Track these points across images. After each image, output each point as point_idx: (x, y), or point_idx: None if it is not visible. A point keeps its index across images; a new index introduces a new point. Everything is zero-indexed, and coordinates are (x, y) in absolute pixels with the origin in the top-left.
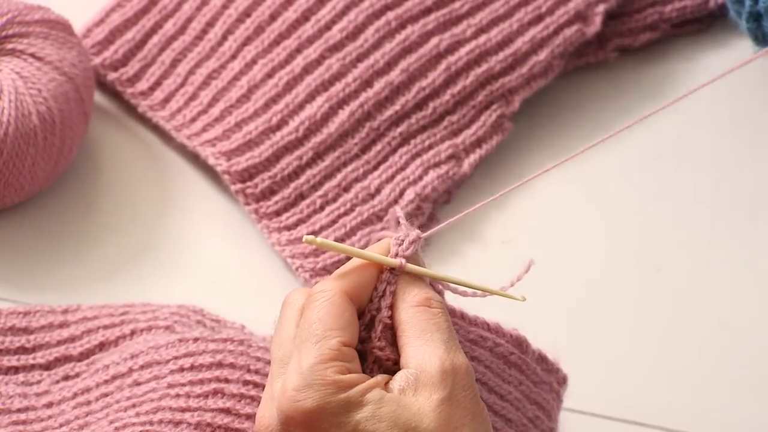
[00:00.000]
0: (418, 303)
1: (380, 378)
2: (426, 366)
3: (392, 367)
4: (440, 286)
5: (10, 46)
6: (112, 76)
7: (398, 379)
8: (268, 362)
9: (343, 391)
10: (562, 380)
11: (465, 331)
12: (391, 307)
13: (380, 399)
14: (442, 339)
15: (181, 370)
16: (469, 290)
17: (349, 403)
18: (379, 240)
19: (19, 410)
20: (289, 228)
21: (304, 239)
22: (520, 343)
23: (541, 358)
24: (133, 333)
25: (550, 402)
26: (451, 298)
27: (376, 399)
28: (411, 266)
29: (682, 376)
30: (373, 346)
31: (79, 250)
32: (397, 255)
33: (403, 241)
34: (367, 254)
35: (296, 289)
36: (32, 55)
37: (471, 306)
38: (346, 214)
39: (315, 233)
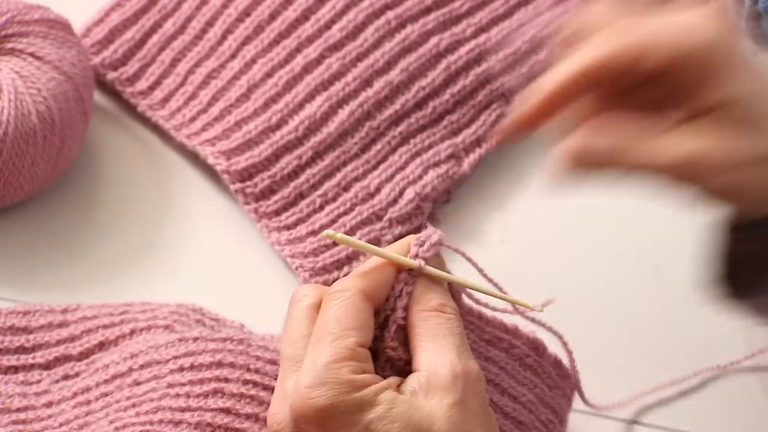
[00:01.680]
0: (433, 308)
1: (393, 380)
2: (438, 370)
3: (404, 367)
4: (456, 289)
5: (9, 45)
6: (111, 75)
7: (410, 382)
8: (268, 361)
9: (357, 391)
10: (574, 386)
11: (481, 331)
12: (406, 308)
13: (392, 400)
14: (454, 344)
15: (181, 369)
16: (488, 298)
17: (363, 402)
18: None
19: (18, 410)
20: (288, 227)
21: (324, 234)
22: (537, 346)
23: (556, 363)
24: (132, 332)
25: (563, 407)
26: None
27: (388, 400)
28: (430, 269)
29: (681, 375)
30: (386, 346)
31: (79, 249)
32: (416, 256)
33: (424, 242)
34: (387, 253)
35: (304, 285)
36: (32, 55)
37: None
38: (345, 213)
39: (314, 232)
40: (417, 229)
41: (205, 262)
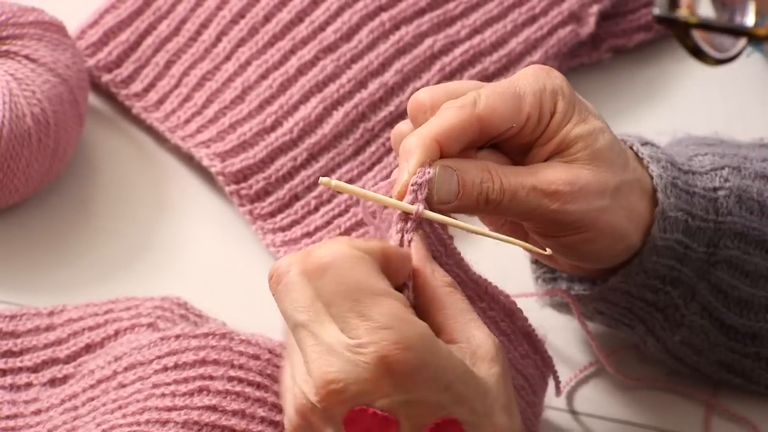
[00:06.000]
0: (448, 284)
1: None
2: (479, 342)
3: None
4: (446, 241)
5: (4, 47)
6: (106, 77)
7: (455, 351)
8: (251, 357)
9: None
10: (548, 362)
11: (464, 286)
12: (421, 281)
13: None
14: (479, 320)
15: (165, 369)
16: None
17: None
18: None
19: (8, 417)
20: (283, 229)
21: (320, 181)
22: (511, 314)
23: (527, 333)
24: (117, 333)
25: (535, 377)
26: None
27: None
28: (429, 213)
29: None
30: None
31: (74, 251)
32: (415, 201)
33: (420, 185)
34: (387, 200)
35: (282, 259)
36: (26, 57)
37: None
38: (340, 215)
39: (309, 234)
40: None
41: (200, 264)
